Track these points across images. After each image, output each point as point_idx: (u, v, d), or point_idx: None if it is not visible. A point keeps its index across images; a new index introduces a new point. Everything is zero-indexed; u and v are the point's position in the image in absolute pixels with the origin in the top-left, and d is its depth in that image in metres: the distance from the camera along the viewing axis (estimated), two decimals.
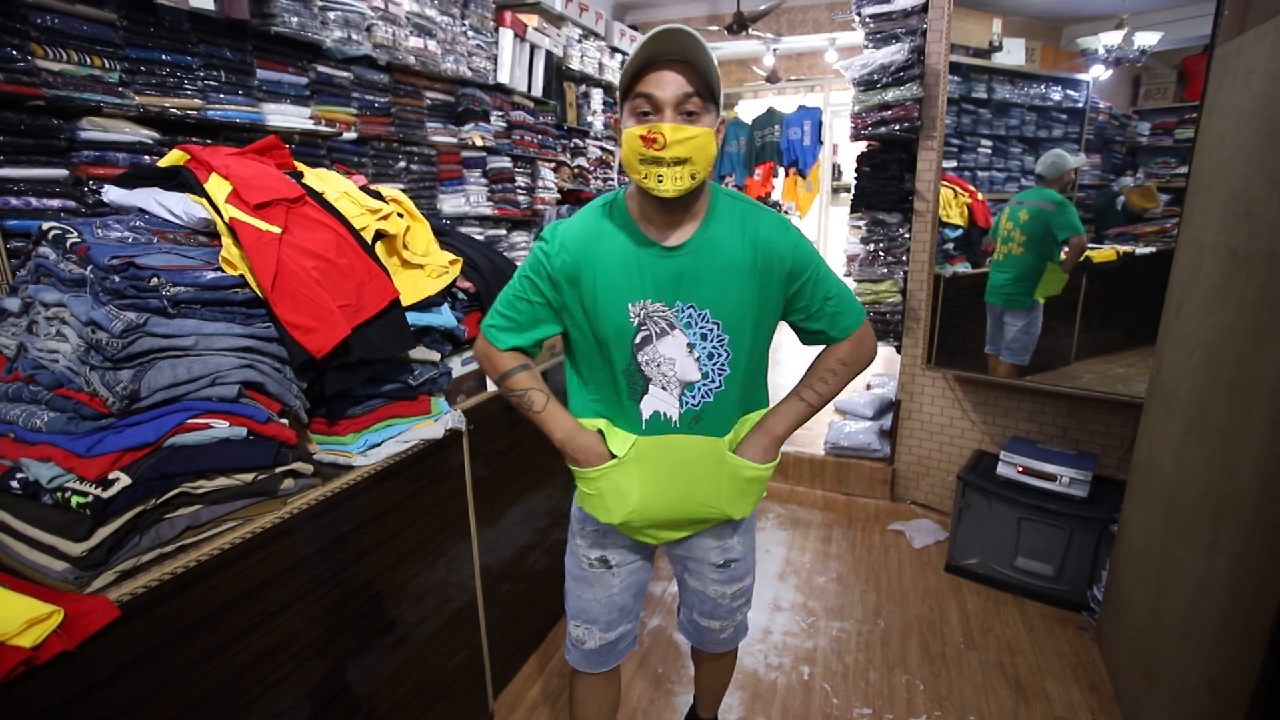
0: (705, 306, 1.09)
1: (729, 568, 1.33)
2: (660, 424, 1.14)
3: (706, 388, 1.13)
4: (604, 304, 1.08)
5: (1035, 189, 2.49)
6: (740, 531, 1.33)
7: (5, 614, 0.77)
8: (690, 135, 0.98)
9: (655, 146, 0.97)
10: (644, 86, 0.98)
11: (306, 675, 1.19)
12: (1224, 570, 1.39)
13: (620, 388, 1.13)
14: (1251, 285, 1.38)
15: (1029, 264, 2.49)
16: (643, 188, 1.02)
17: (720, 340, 1.11)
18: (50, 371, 0.98)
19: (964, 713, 1.84)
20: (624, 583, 1.32)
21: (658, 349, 1.10)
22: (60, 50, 1.45)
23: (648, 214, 1.08)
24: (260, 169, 1.23)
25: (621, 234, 1.09)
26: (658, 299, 1.08)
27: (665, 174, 0.98)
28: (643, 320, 1.09)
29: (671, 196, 1.00)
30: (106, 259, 0.95)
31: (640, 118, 1.00)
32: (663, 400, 1.13)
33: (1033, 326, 2.53)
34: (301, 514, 1.14)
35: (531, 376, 1.19)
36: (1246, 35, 1.49)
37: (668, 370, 1.11)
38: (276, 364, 1.11)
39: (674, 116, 0.98)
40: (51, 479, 0.88)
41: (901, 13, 2.63)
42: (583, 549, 1.30)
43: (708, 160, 1.01)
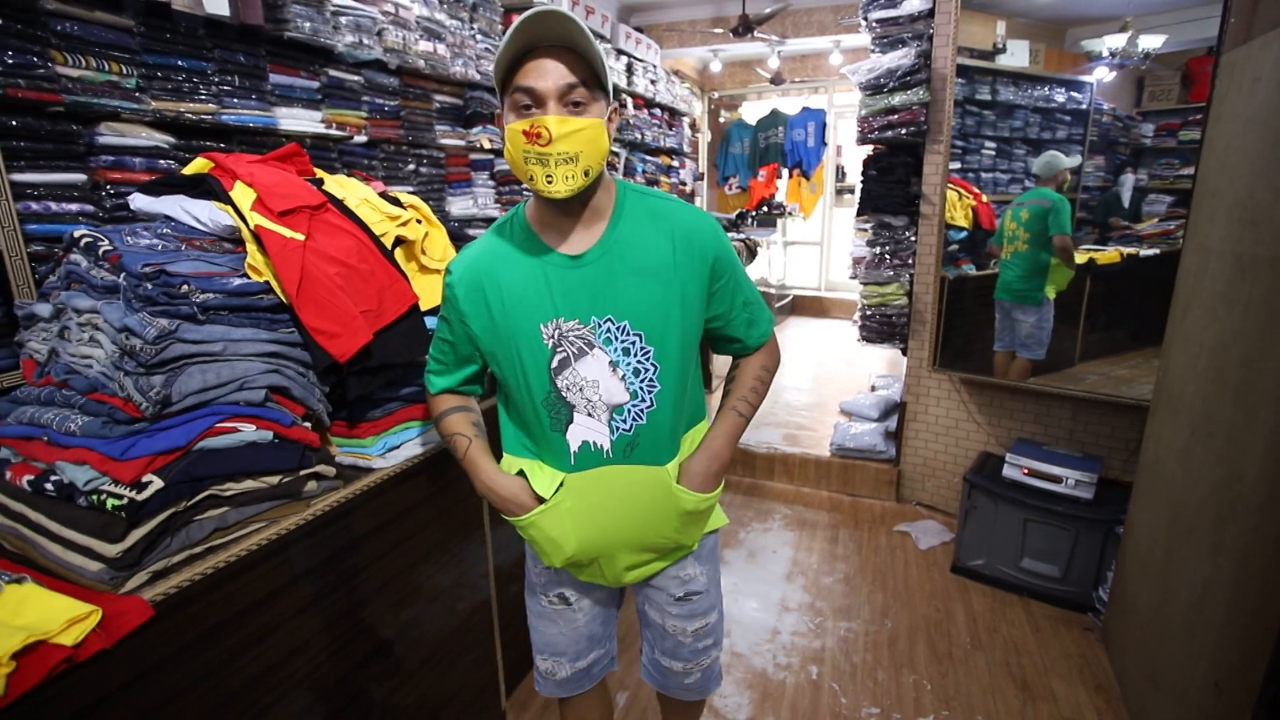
0: (624, 318, 0.98)
1: (689, 601, 1.20)
2: (592, 455, 1.03)
3: (637, 408, 1.01)
4: (513, 329, 0.99)
5: (1034, 189, 2.54)
6: (701, 561, 1.21)
7: (47, 613, 0.79)
8: (578, 127, 0.89)
9: (540, 142, 0.89)
10: (523, 79, 0.89)
11: (326, 674, 1.21)
12: (1229, 572, 1.41)
13: (542, 420, 1.03)
14: (1257, 291, 1.40)
15: (1034, 260, 2.53)
16: (533, 190, 0.95)
17: (645, 354, 1.00)
18: (84, 376, 1.00)
19: (971, 712, 1.86)
20: (589, 615, 1.23)
21: (578, 371, 0.99)
22: (79, 56, 1.46)
23: (548, 221, 1.00)
24: (283, 176, 1.25)
25: (522, 249, 1.01)
26: (570, 316, 0.98)
27: (555, 173, 0.90)
28: (557, 341, 0.99)
29: (564, 197, 0.92)
30: (139, 266, 0.97)
31: (521, 112, 0.91)
32: (591, 428, 1.02)
33: (1045, 321, 2.56)
34: (324, 516, 1.16)
35: (462, 419, 1.12)
36: (1253, 43, 1.51)
37: (591, 394, 1.00)
38: (301, 368, 1.13)
39: (558, 109, 0.89)
40: (87, 482, 0.90)
41: (908, 17, 2.64)
42: (539, 586, 1.22)
43: (600, 153, 0.93)
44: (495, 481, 1.07)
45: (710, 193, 6.63)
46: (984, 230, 2.75)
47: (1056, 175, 2.47)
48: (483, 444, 1.11)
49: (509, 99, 0.92)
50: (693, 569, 1.20)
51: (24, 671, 0.74)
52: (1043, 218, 2.47)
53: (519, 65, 0.90)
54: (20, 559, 0.96)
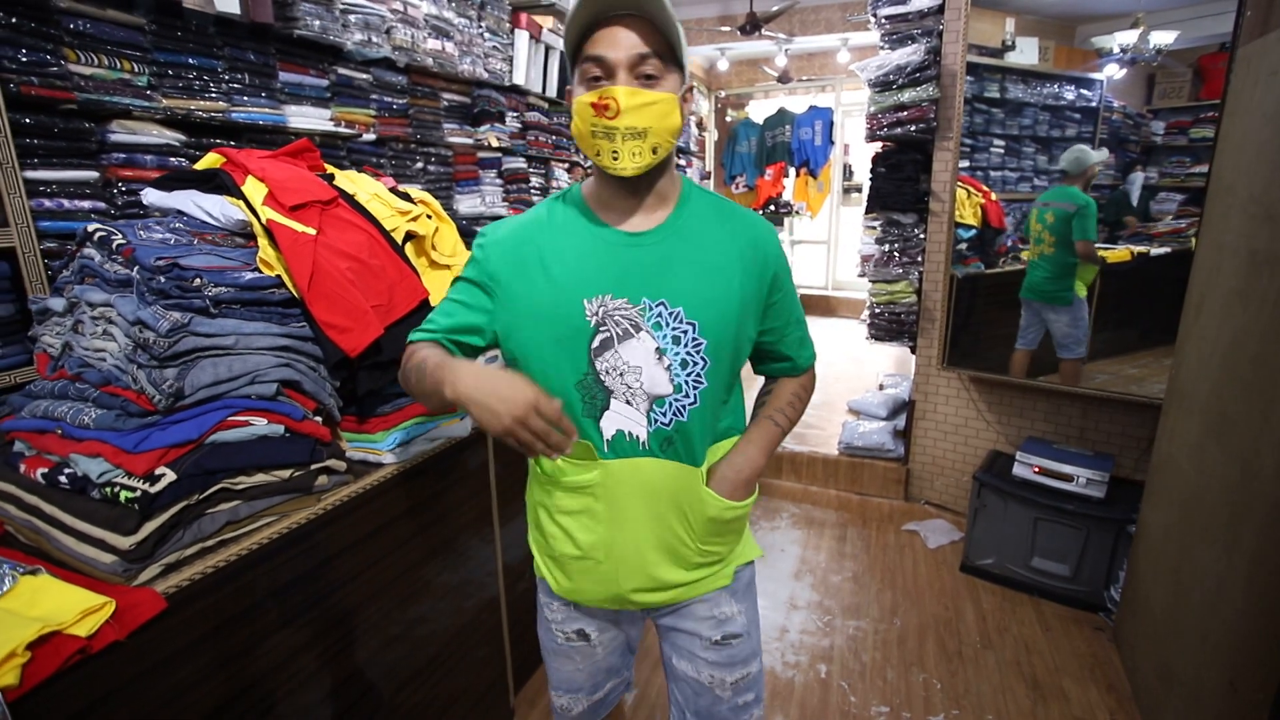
0: (678, 304, 0.91)
1: (728, 645, 1.06)
2: (627, 446, 0.94)
3: (679, 403, 0.93)
4: (554, 300, 0.91)
5: (1059, 188, 2.49)
6: (738, 598, 1.07)
7: (61, 604, 0.80)
8: (649, 100, 0.84)
9: (607, 115, 0.83)
10: (593, 47, 0.84)
11: (336, 669, 1.21)
12: (1243, 570, 1.40)
13: (574, 404, 0.93)
14: (1272, 288, 1.39)
15: (1062, 261, 2.49)
16: (599, 167, 0.89)
17: (696, 345, 0.92)
18: (97, 370, 1.01)
19: (982, 711, 1.85)
20: (609, 648, 1.13)
21: (620, 354, 0.91)
22: (92, 54, 1.47)
23: (607, 200, 0.94)
24: (294, 172, 1.25)
25: (575, 221, 0.95)
26: (619, 294, 0.90)
27: (621, 149, 0.85)
28: (601, 319, 0.91)
29: (630, 175, 0.86)
30: (152, 260, 0.98)
31: (591, 84, 0.85)
32: (628, 417, 0.93)
33: (1080, 319, 2.51)
34: (335, 510, 1.16)
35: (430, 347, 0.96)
36: (1269, 36, 1.49)
37: (632, 381, 0.92)
38: (312, 363, 1.13)
39: (629, 80, 0.84)
40: (101, 474, 0.90)
41: (918, 14, 2.63)
42: (556, 623, 1.12)
43: (671, 131, 0.87)
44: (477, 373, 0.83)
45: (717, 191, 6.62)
46: (993, 228, 2.73)
47: (1085, 172, 2.41)
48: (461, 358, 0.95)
49: (579, 69, 0.87)
50: (729, 607, 1.06)
51: (39, 662, 0.75)
52: (1067, 221, 2.43)
53: (590, 34, 0.84)
54: (35, 551, 0.96)
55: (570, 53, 0.88)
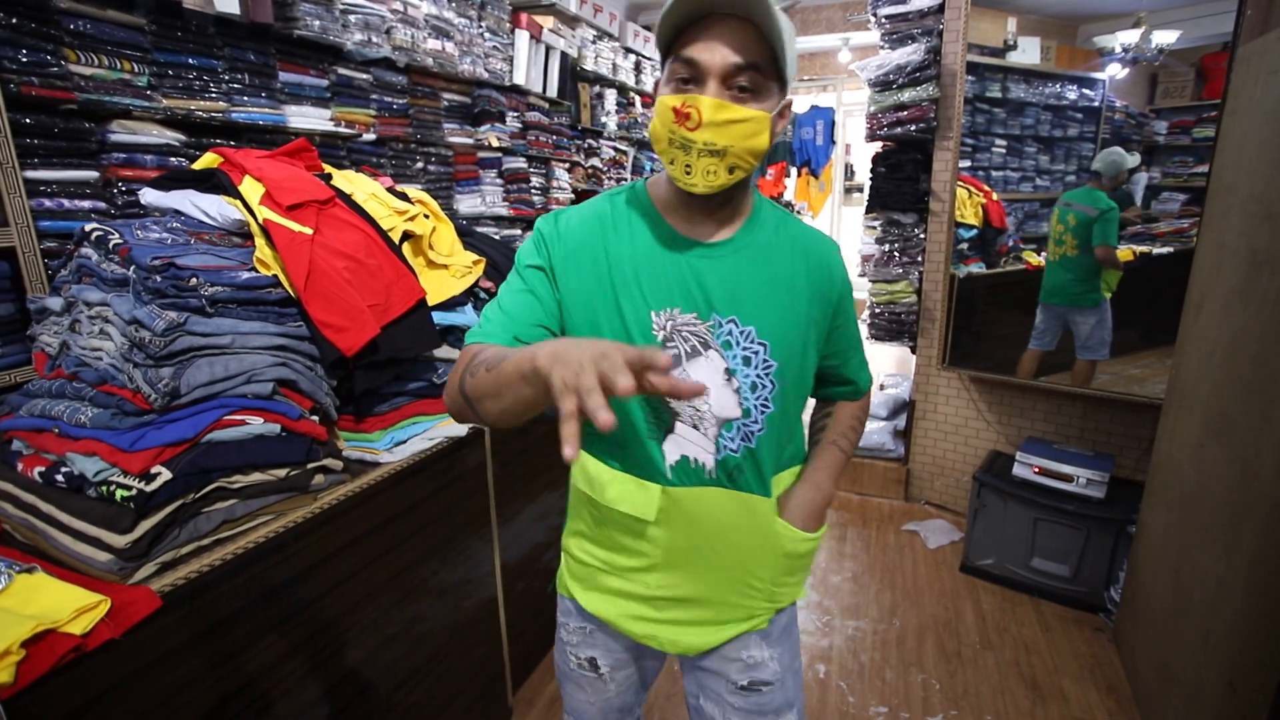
0: (750, 322, 0.85)
1: (756, 692, 0.97)
2: (692, 473, 0.87)
3: (748, 429, 0.86)
4: (620, 311, 0.84)
5: (1085, 189, 2.44)
6: (772, 642, 0.98)
7: (56, 602, 0.80)
8: (736, 117, 0.75)
9: (688, 125, 0.75)
10: (686, 47, 0.75)
11: (333, 668, 1.21)
12: (1243, 571, 1.39)
13: (636, 425, 0.86)
14: (1273, 287, 1.38)
15: (1087, 264, 2.44)
16: (669, 174, 0.82)
17: (767, 368, 0.86)
18: (94, 369, 1.01)
19: (980, 712, 1.85)
20: (622, 687, 1.07)
21: (687, 374, 0.84)
22: (92, 55, 1.47)
23: (674, 205, 0.87)
24: (291, 171, 1.25)
25: (641, 224, 0.87)
26: (689, 308, 0.84)
27: (695, 165, 0.77)
28: (669, 335, 0.84)
29: (702, 194, 0.80)
30: (148, 259, 0.98)
31: (679, 85, 0.77)
32: (694, 442, 0.86)
33: (1106, 321, 2.47)
34: (331, 509, 1.16)
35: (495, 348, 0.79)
36: (1270, 35, 1.49)
37: (699, 403, 0.85)
38: (308, 362, 1.14)
39: (719, 90, 0.75)
40: (97, 473, 0.91)
41: (918, 13, 2.63)
42: (570, 645, 1.06)
43: (754, 153, 0.78)
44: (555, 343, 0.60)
45: None
46: (994, 228, 2.73)
47: (1118, 176, 2.37)
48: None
49: (669, 67, 0.79)
50: (759, 651, 0.97)
51: (33, 660, 0.75)
52: (1088, 226, 2.39)
53: (688, 31, 0.76)
54: (32, 550, 0.97)
55: (663, 46, 0.79)
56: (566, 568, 1.03)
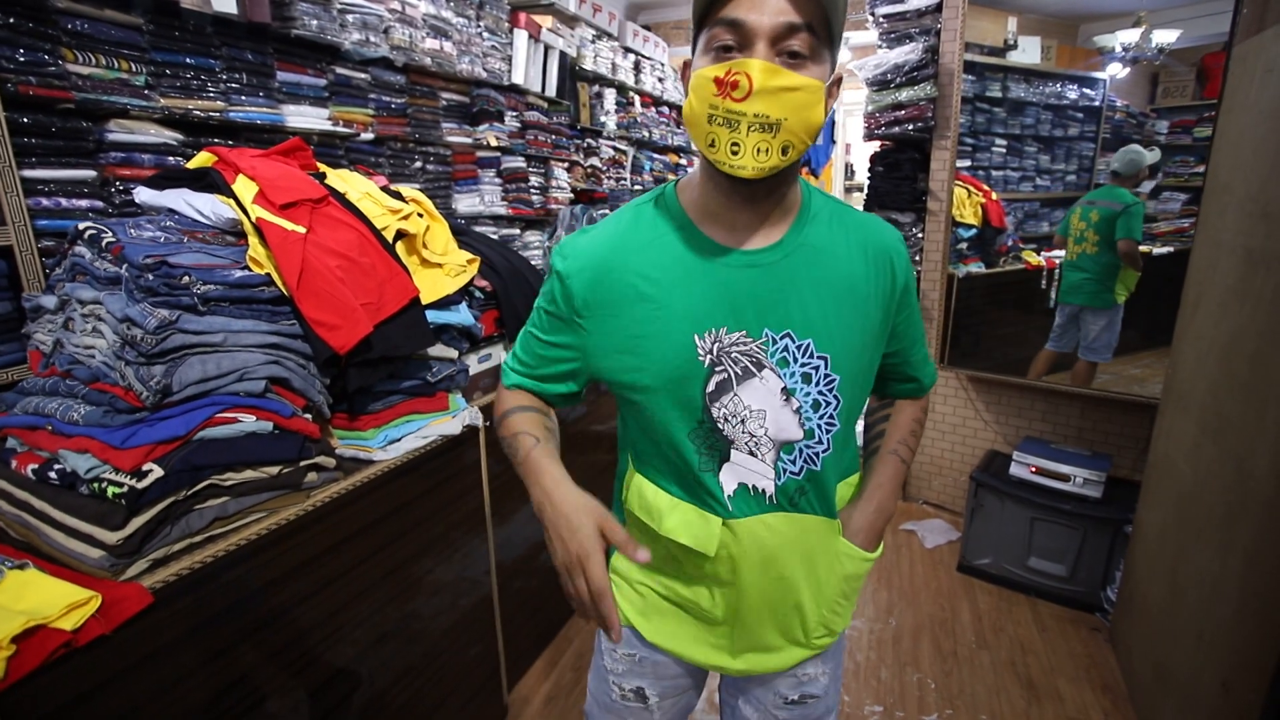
0: (806, 336, 0.76)
1: (803, 705, 0.95)
2: (750, 502, 0.80)
3: (811, 450, 0.80)
4: (658, 338, 0.76)
5: (1108, 187, 2.43)
6: (827, 658, 0.95)
7: (47, 598, 0.80)
8: (791, 85, 0.65)
9: (735, 95, 0.65)
10: (730, 8, 0.66)
11: (326, 665, 1.22)
12: (1238, 571, 1.39)
13: (688, 457, 0.80)
14: (1268, 286, 1.38)
15: (1105, 262, 2.43)
16: (710, 161, 0.70)
17: (829, 383, 0.78)
18: (87, 366, 1.02)
19: (976, 711, 1.84)
20: (667, 715, 1.01)
21: (740, 398, 0.77)
22: (90, 54, 1.48)
23: (714, 209, 0.77)
24: (285, 170, 1.26)
25: (674, 235, 0.78)
26: (736, 326, 0.76)
27: (744, 141, 0.67)
28: (717, 358, 0.76)
29: (750, 176, 0.68)
30: (140, 258, 0.99)
31: (719, 55, 0.68)
32: (752, 469, 0.79)
33: (1115, 324, 2.47)
34: (324, 507, 1.17)
35: (532, 419, 0.88)
36: (1266, 33, 1.48)
37: (755, 427, 0.78)
38: (301, 360, 1.14)
39: (769, 54, 0.66)
40: (89, 470, 0.91)
41: (915, 12, 2.62)
42: (614, 676, 0.99)
43: (809, 129, 0.68)
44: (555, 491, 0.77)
45: None
46: (994, 228, 2.72)
47: (1138, 173, 2.36)
48: (551, 450, 0.86)
49: (705, 35, 0.69)
50: (814, 668, 0.95)
51: (23, 655, 0.76)
52: (1112, 221, 2.38)
53: None
54: (25, 546, 0.97)
55: (700, 13, 0.70)
56: (620, 594, 0.96)
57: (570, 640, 2.12)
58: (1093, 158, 2.60)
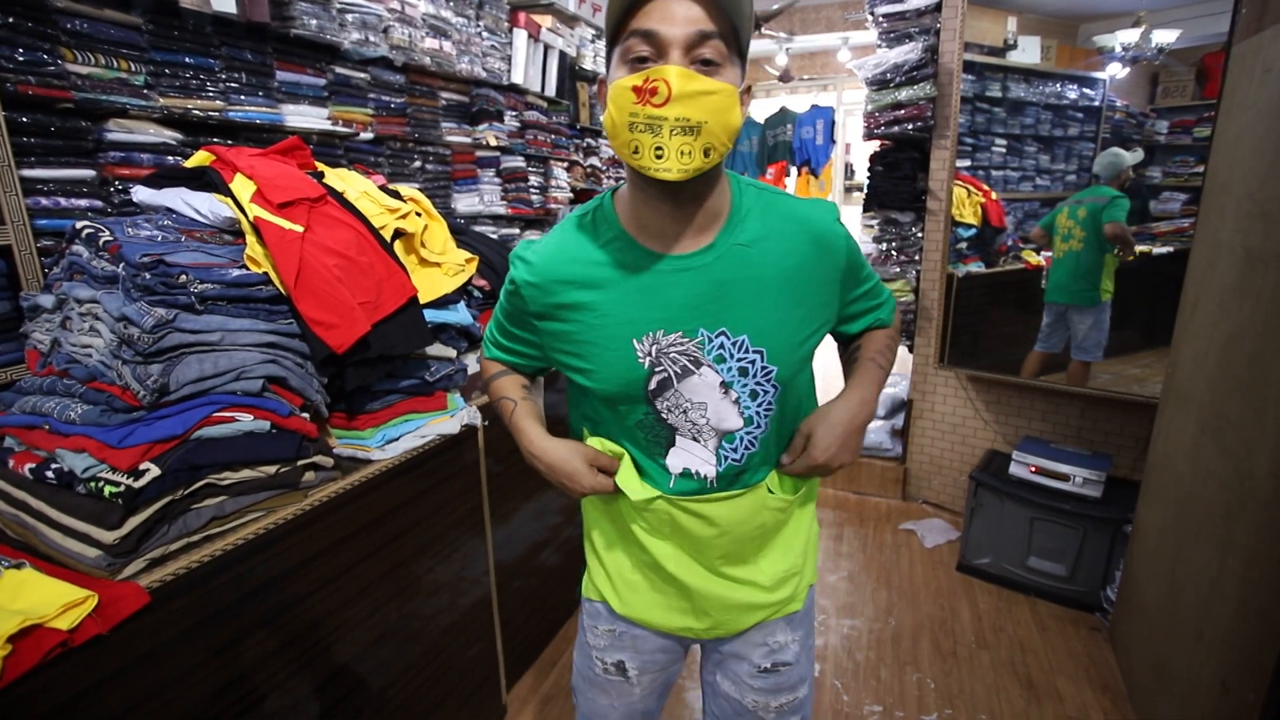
0: (741, 332, 0.81)
1: (776, 673, 0.99)
2: (693, 484, 0.87)
3: (751, 436, 0.86)
4: (596, 346, 0.82)
5: (1094, 187, 2.44)
6: (795, 626, 1.00)
7: (43, 598, 0.80)
8: (707, 90, 0.69)
9: (654, 101, 0.68)
10: (642, 20, 0.69)
11: (324, 665, 1.22)
12: (1237, 571, 1.39)
13: (637, 440, 0.87)
14: (1267, 285, 1.38)
15: (1091, 260, 2.44)
16: (634, 168, 0.72)
17: (766, 374, 0.83)
18: (84, 365, 1.02)
19: (975, 711, 1.84)
20: (648, 690, 1.06)
21: (681, 393, 0.82)
22: (89, 54, 1.48)
23: (645, 219, 0.80)
24: (283, 169, 1.26)
25: (611, 249, 0.82)
26: (673, 328, 0.80)
27: (668, 145, 0.69)
28: (656, 359, 0.81)
29: (675, 179, 0.71)
30: (138, 257, 0.99)
31: (635, 65, 0.70)
32: (696, 454, 0.86)
33: (1103, 323, 2.47)
34: (322, 506, 1.17)
35: (511, 382, 0.99)
36: (1264, 33, 1.48)
37: (698, 417, 0.84)
38: (299, 359, 1.14)
39: (683, 61, 0.69)
40: (85, 469, 0.91)
41: (915, 12, 2.62)
42: (596, 650, 1.05)
43: (728, 131, 0.71)
44: (539, 447, 0.90)
45: None
46: (993, 227, 2.72)
47: (1119, 175, 2.37)
48: (530, 407, 0.96)
49: (620, 48, 0.72)
50: (785, 635, 1.00)
51: (19, 655, 0.75)
52: (1098, 215, 2.39)
53: (638, 5, 0.70)
54: (22, 546, 0.97)
55: (612, 28, 0.73)
56: (593, 571, 1.04)
57: (569, 640, 2.12)
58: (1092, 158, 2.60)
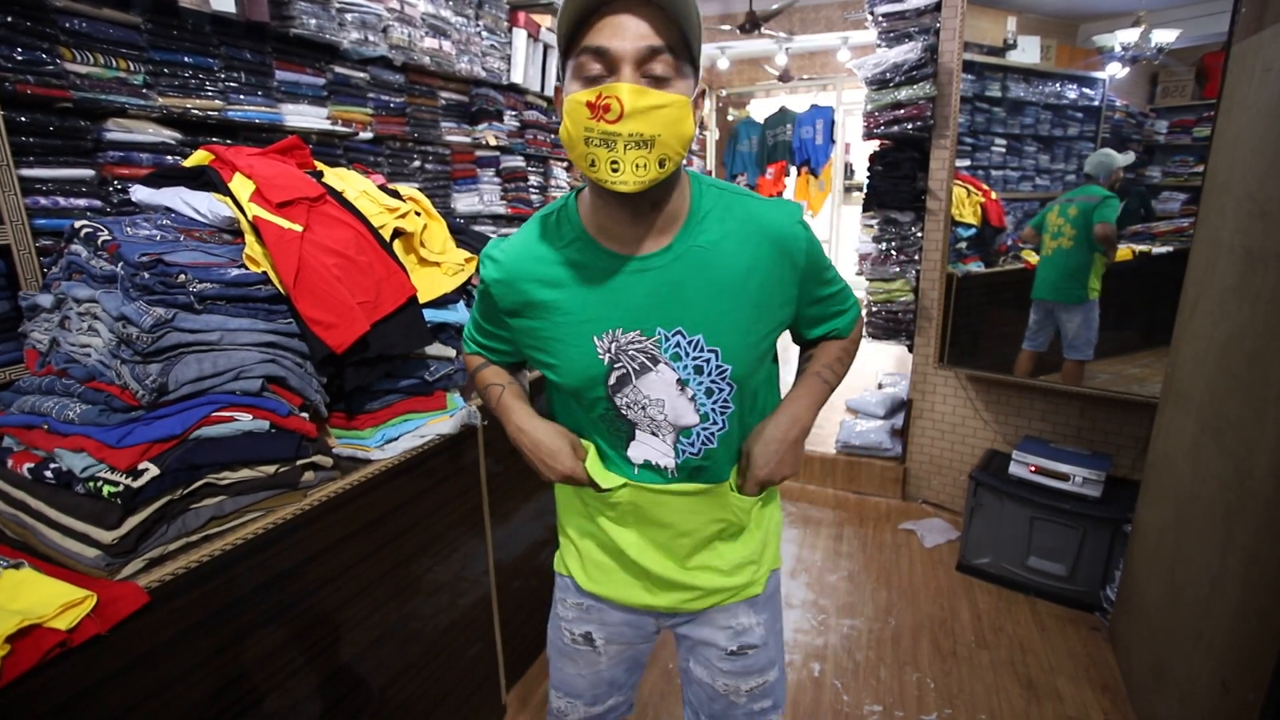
0: (696, 331, 0.83)
1: (744, 655, 1.03)
2: (653, 474, 0.92)
3: (708, 431, 0.89)
4: (561, 342, 0.86)
5: (1085, 186, 2.45)
6: (759, 609, 1.03)
7: (42, 598, 0.80)
8: (658, 103, 0.71)
9: (608, 118, 0.70)
10: (593, 37, 0.71)
11: (323, 664, 1.22)
12: (1237, 570, 1.39)
13: (601, 433, 0.92)
14: (1267, 285, 1.38)
15: (1080, 258, 2.45)
16: (593, 180, 0.76)
17: (720, 372, 0.85)
18: (82, 365, 1.01)
19: (975, 711, 1.84)
20: (614, 660, 1.10)
21: (639, 389, 0.86)
22: (88, 53, 1.48)
23: (604, 223, 0.83)
24: (282, 168, 1.26)
25: (573, 249, 0.85)
26: (631, 327, 0.83)
27: (623, 159, 0.71)
28: (615, 356, 0.85)
29: (633, 191, 0.73)
30: (136, 256, 0.98)
31: (587, 82, 0.73)
32: (654, 448, 0.90)
33: (1092, 321, 2.47)
34: (321, 506, 1.17)
35: (494, 371, 1.03)
36: (1264, 33, 1.48)
37: (655, 413, 0.87)
38: (298, 359, 1.14)
39: (635, 77, 0.71)
40: (84, 469, 0.91)
41: (915, 11, 2.62)
42: (565, 622, 1.09)
43: (682, 141, 0.74)
44: (525, 425, 0.93)
45: None
46: (993, 227, 2.72)
47: (1110, 175, 2.37)
48: (517, 389, 1.01)
49: (573, 62, 0.74)
50: (748, 618, 1.03)
51: (18, 655, 0.75)
52: (1089, 214, 2.40)
53: (590, 20, 0.72)
54: (21, 546, 0.97)
55: (564, 42, 0.75)
56: (564, 548, 1.09)
57: None
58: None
